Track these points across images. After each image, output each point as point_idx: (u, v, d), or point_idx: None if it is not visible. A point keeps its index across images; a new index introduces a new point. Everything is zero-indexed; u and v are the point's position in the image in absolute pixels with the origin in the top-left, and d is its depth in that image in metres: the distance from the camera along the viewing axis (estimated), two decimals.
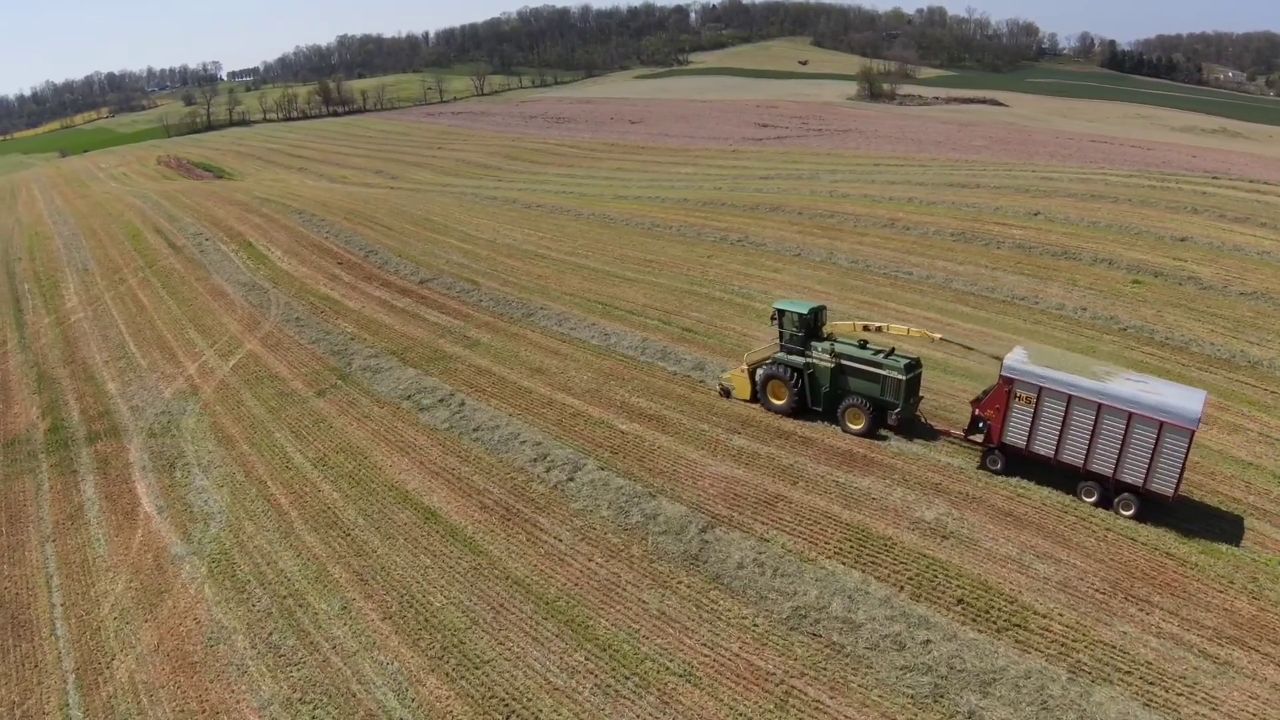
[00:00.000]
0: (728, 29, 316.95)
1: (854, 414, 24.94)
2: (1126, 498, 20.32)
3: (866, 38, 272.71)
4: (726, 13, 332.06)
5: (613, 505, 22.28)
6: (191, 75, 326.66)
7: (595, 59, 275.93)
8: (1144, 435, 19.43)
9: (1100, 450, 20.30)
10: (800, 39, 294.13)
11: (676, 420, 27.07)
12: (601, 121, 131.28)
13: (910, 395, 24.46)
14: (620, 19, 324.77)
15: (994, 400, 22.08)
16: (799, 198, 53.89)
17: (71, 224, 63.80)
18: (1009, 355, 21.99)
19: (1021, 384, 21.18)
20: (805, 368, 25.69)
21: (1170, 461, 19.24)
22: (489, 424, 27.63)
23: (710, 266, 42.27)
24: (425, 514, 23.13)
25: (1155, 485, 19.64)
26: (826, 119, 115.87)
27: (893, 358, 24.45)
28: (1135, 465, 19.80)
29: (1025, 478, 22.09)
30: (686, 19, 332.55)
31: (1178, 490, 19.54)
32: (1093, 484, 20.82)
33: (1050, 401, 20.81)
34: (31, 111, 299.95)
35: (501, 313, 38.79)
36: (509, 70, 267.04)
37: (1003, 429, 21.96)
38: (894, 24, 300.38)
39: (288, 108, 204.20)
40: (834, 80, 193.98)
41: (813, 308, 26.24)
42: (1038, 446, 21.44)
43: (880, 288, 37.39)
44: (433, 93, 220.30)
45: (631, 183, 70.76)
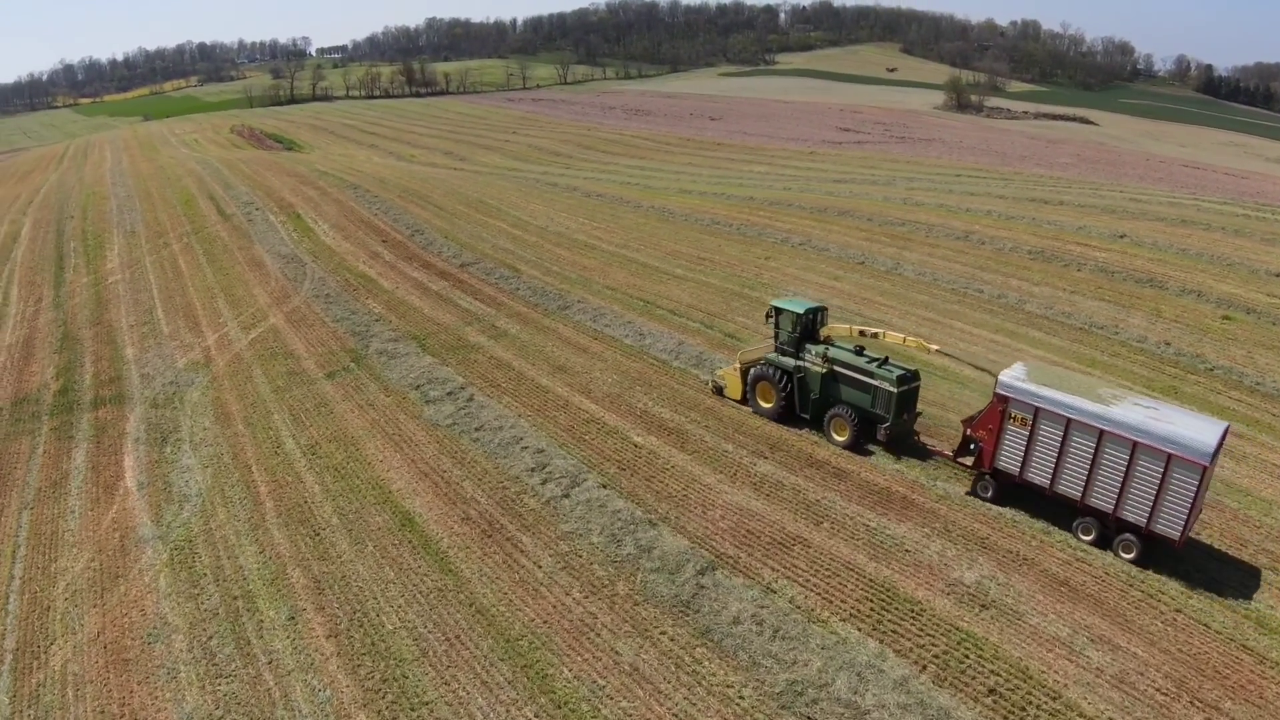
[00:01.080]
0: (816, 31, 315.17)
1: (839, 424, 23.40)
2: (1127, 539, 18.19)
3: (957, 47, 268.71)
4: (816, 14, 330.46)
5: (606, 531, 19.90)
6: (281, 49, 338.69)
7: (681, 54, 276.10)
8: (1149, 468, 17.32)
9: (1100, 483, 18.23)
10: (889, 45, 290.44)
11: (698, 437, 24.51)
12: (681, 116, 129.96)
13: (904, 410, 22.63)
14: (709, 15, 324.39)
15: (987, 420, 20.06)
16: (870, 203, 50.63)
17: (129, 186, 65.56)
18: (1004, 371, 20.02)
19: (1017, 403, 19.22)
20: (795, 371, 24.17)
21: (1178, 500, 17.08)
22: (493, 424, 25.67)
23: (766, 269, 39.35)
24: (402, 519, 21.29)
25: (1160, 526, 17.53)
26: (910, 127, 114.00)
27: (886, 367, 22.69)
28: (1138, 502, 17.70)
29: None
30: (776, 19, 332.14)
31: (1185, 534, 17.35)
32: (1091, 521, 18.70)
33: (1047, 424, 18.80)
34: (123, 76, 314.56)
35: (536, 303, 36.96)
36: (594, 61, 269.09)
37: (995, 452, 20.00)
38: (986, 35, 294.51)
39: (371, 86, 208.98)
40: (921, 89, 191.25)
41: (810, 308, 24.57)
42: (1032, 474, 19.46)
43: (946, 304, 34.04)
44: (515, 79, 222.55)
45: (700, 178, 68.25)
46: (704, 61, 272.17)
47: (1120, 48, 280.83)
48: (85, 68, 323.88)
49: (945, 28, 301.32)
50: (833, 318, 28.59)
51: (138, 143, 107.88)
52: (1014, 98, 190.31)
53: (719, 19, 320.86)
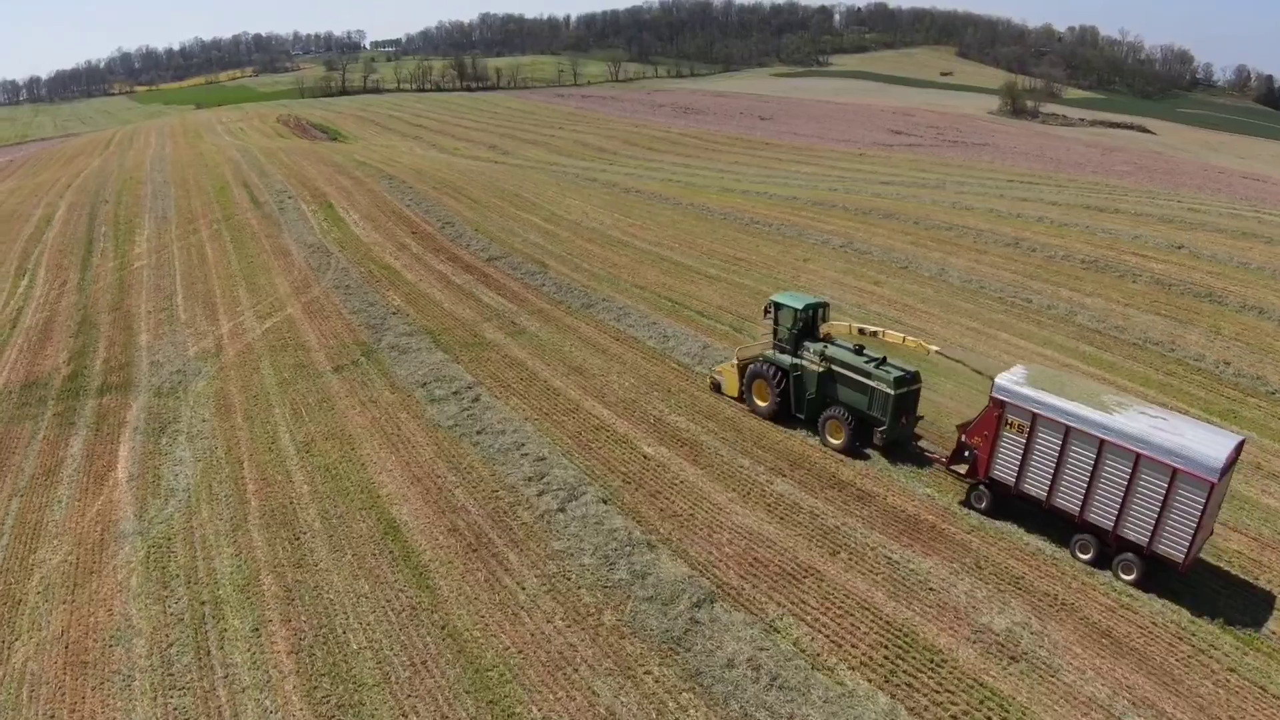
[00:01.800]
0: (871, 33, 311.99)
1: (834, 426, 22.48)
2: (1128, 559, 17.02)
3: (1013, 52, 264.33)
4: (871, 16, 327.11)
5: (599, 552, 18.38)
6: (336, 42, 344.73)
7: (734, 54, 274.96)
8: (1153, 483, 16.16)
9: (1100, 497, 17.10)
10: (945, 48, 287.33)
11: (713, 449, 22.86)
12: (730, 115, 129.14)
13: (901, 413, 21.56)
14: (762, 15, 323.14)
15: (982, 426, 19.01)
16: (918, 205, 48.31)
17: (166, 172, 66.45)
18: (1001, 375, 18.92)
19: (1013, 409, 18.13)
20: (791, 369, 23.34)
21: (1183, 519, 15.88)
22: (496, 427, 24.40)
23: (804, 271, 37.38)
24: (387, 527, 20.13)
25: (1162, 547, 16.35)
26: (964, 131, 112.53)
27: (884, 368, 21.64)
28: (1140, 520, 16.55)
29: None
30: (830, 20, 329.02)
31: (1190, 557, 16.12)
32: (1089, 538, 17.59)
33: (1045, 432, 17.71)
34: (179, 65, 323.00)
35: (560, 300, 35.73)
36: (646, 59, 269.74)
37: (990, 461, 18.90)
38: (1043, 40, 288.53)
39: (422, 79, 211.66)
40: (975, 93, 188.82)
41: (809, 303, 23.64)
42: (1028, 485, 18.38)
43: (993, 313, 31.91)
44: (566, 75, 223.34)
45: (744, 177, 66.50)
46: (757, 61, 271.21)
47: (1179, 56, 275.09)
48: (142, 56, 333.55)
49: (1002, 32, 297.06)
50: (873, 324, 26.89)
51: (183, 130, 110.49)
52: (1070, 104, 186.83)
53: (773, 19, 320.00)
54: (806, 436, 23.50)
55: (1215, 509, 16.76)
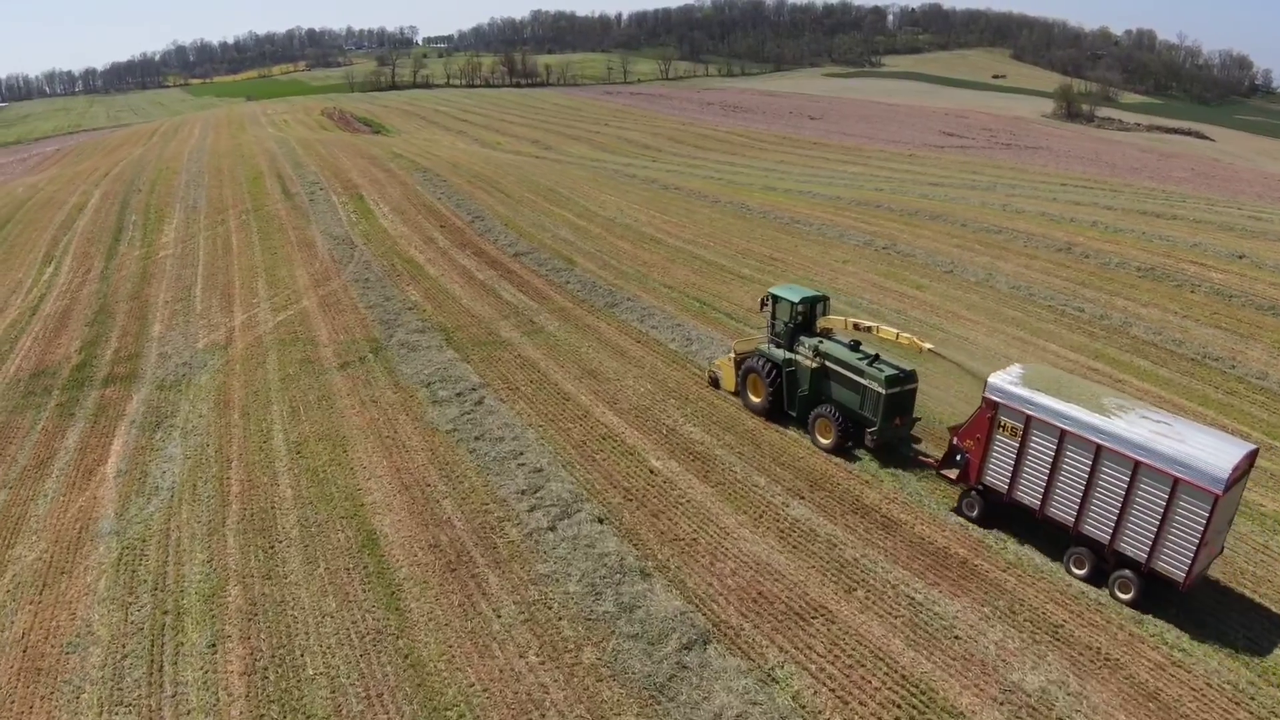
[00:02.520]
0: (925, 34, 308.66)
1: (823, 425, 21.67)
2: (1125, 576, 15.88)
3: (1069, 55, 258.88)
4: (925, 17, 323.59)
5: (587, 579, 16.79)
6: (389, 38, 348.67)
7: (785, 53, 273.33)
8: (1153, 493, 15.06)
9: (1096, 507, 16.03)
10: (999, 50, 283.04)
11: (727, 465, 21.12)
12: (780, 114, 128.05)
13: (894, 414, 20.49)
14: (815, 15, 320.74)
15: (974, 428, 18.00)
16: (966, 207, 45.78)
17: (202, 163, 67.06)
18: (995, 374, 17.82)
19: (1006, 410, 17.14)
20: (785, 364, 22.49)
21: (1185, 534, 14.72)
22: (496, 433, 23.03)
23: (843, 273, 35.22)
24: (365, 539, 18.88)
25: (1162, 564, 15.19)
26: (1017, 134, 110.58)
27: (877, 365, 20.59)
28: (1139, 533, 15.44)
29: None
30: (883, 20, 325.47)
31: (1193, 576, 14.91)
32: (1084, 551, 16.49)
33: (1039, 435, 16.70)
34: (233, 59, 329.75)
35: (584, 298, 34.32)
36: (697, 58, 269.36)
37: (982, 466, 17.90)
38: (1099, 43, 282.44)
39: (471, 75, 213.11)
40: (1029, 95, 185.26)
41: (807, 296, 22.66)
42: (1021, 493, 17.35)
43: (1041, 322, 29.64)
44: (616, 73, 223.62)
45: (789, 176, 64.45)
46: (808, 61, 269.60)
47: (1238, 61, 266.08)
48: (197, 49, 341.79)
49: (1057, 34, 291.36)
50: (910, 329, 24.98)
51: (227, 121, 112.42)
52: (1126, 109, 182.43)
53: (825, 19, 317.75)
54: (860, 471, 21.60)
55: (1224, 524, 15.47)
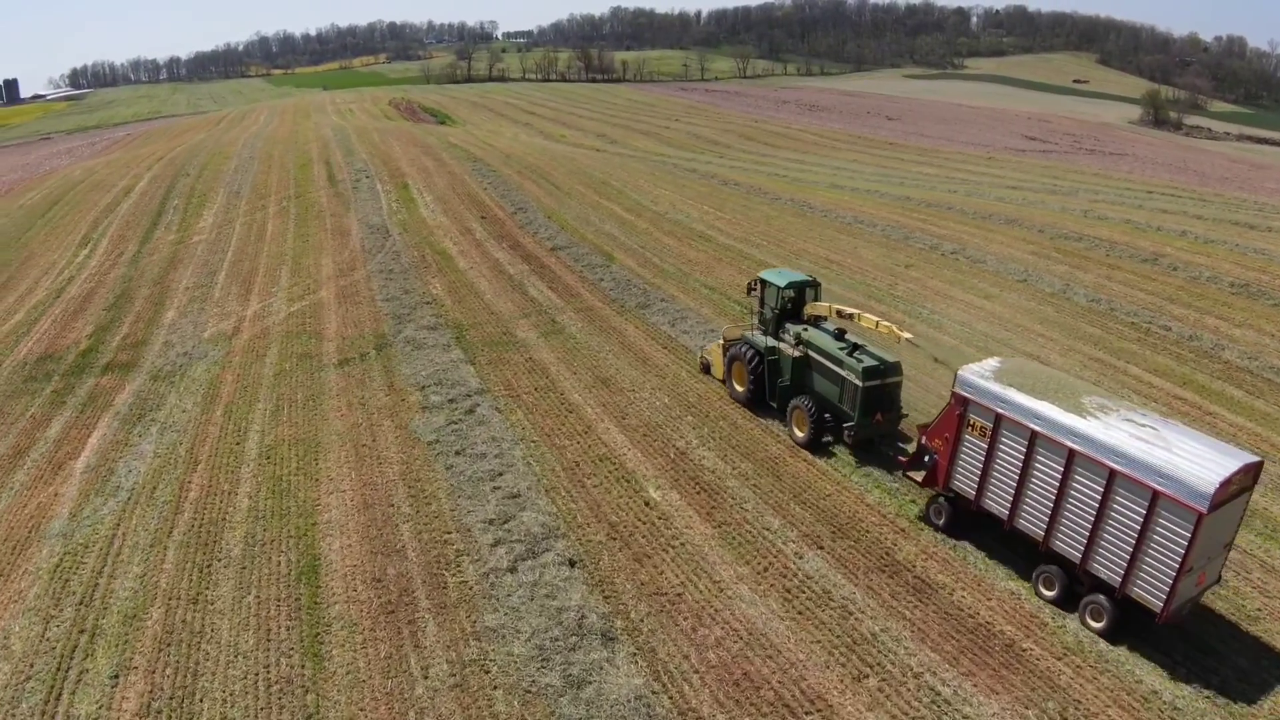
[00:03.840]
0: (1009, 36, 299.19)
1: (799, 417, 20.34)
2: (1097, 602, 14.07)
3: (1157, 61, 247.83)
4: (1010, 19, 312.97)
5: (537, 639, 14.02)
6: (468, 32, 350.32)
7: (866, 54, 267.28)
8: (1129, 507, 13.34)
9: (1068, 520, 14.37)
10: (1085, 55, 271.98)
11: (738, 500, 18.06)
12: (856, 114, 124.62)
13: (873, 409, 18.96)
14: (897, 15, 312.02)
15: (942, 426, 16.40)
16: (1045, 212, 41.43)
17: (256, 149, 67.17)
18: (966, 366, 16.21)
19: (976, 407, 15.55)
20: (767, 352, 21.32)
21: (1164, 557, 12.91)
22: (479, 447, 20.51)
23: (903, 279, 31.39)
24: (308, 565, 16.64)
25: (1138, 590, 13.43)
26: (1102, 139, 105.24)
27: (858, 355, 19.21)
28: (1113, 553, 13.72)
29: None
30: (967, 22, 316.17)
31: (1172, 606, 12.96)
32: (1054, 571, 14.80)
33: (1009, 436, 15.08)
34: (314, 50, 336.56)
35: (615, 298, 31.64)
36: (776, 56, 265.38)
37: (950, 468, 16.24)
38: (1188, 50, 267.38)
39: (547, 70, 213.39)
40: (1115, 101, 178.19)
41: (794, 281, 21.65)
42: (989, 500, 15.68)
43: (1123, 341, 25.69)
44: (693, 70, 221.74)
45: (859, 175, 60.65)
46: (889, 62, 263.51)
47: None
48: (279, 41, 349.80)
49: (1145, 40, 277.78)
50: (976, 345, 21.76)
51: (294, 110, 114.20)
52: (1215, 117, 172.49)
53: (908, 19, 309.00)
54: (864, 492, 18.26)
55: (1216, 549, 13.32)
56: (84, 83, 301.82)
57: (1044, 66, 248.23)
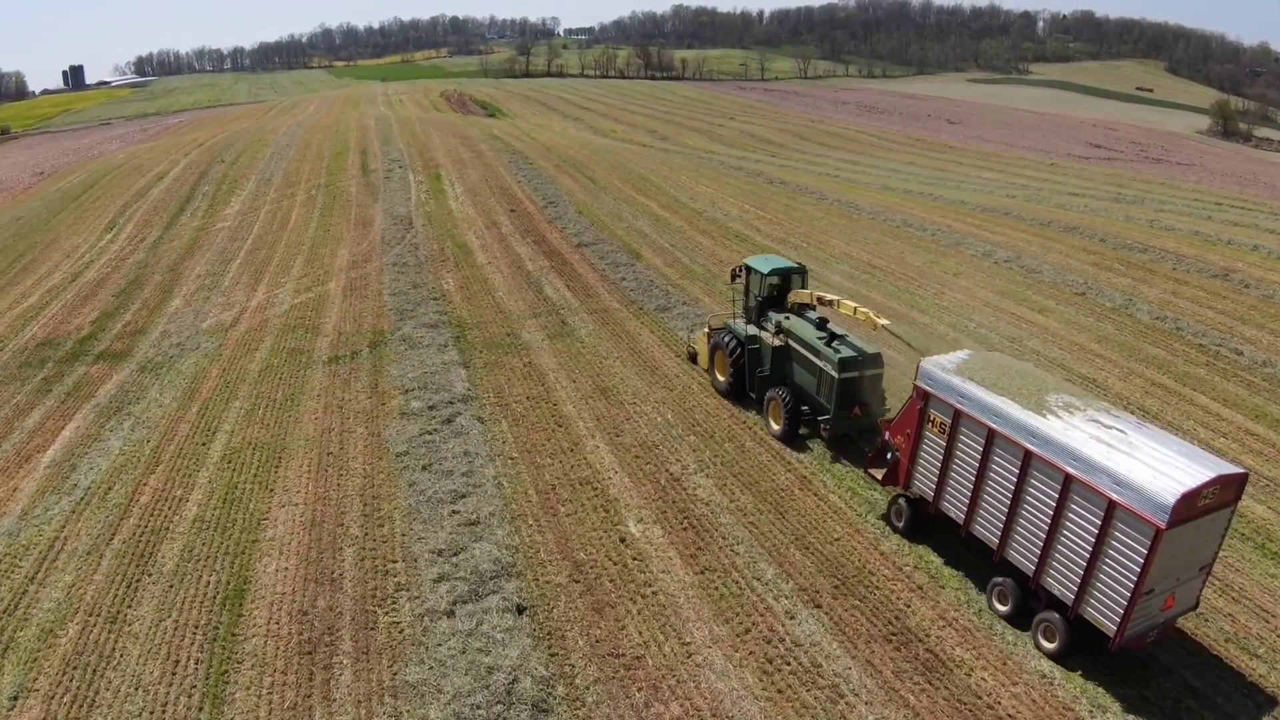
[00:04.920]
0: (1075, 42, 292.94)
1: (775, 409, 19.50)
2: (1049, 620, 12.62)
3: (1226, 70, 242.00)
4: (1076, 25, 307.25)
5: (458, 703, 11.88)
6: (530, 28, 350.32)
7: (929, 56, 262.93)
8: (1085, 517, 11.72)
9: (1022, 529, 12.93)
10: (1153, 63, 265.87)
11: (730, 540, 15.74)
12: (917, 117, 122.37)
13: (851, 401, 18.05)
14: (962, 18, 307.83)
15: (905, 421, 15.30)
16: (1108, 221, 38.10)
17: (296, 137, 66.68)
18: (930, 358, 14.99)
19: (937, 402, 14.37)
20: (748, 340, 20.51)
21: (1120, 575, 11.29)
22: (448, 464, 18.54)
23: (950, 287, 28.40)
24: (237, 587, 14.90)
25: (1091, 610, 11.84)
26: (1168, 149, 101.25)
27: (835, 344, 18.32)
28: (1067, 568, 12.17)
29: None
30: (1033, 26, 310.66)
31: (1126, 630, 11.37)
32: (1008, 584, 13.45)
33: (967, 433, 13.81)
34: (377, 43, 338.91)
35: (634, 299, 29.50)
36: (837, 57, 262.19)
37: (911, 467, 15.16)
38: (1258, 59, 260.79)
39: (605, 66, 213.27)
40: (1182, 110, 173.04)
41: (779, 267, 20.90)
42: (947, 503, 14.50)
43: (1190, 365, 22.68)
44: (753, 69, 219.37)
45: (914, 178, 57.61)
46: (953, 66, 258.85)
47: None
48: (343, 33, 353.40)
49: (1215, 48, 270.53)
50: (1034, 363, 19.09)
51: (345, 100, 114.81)
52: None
53: (972, 22, 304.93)
54: (880, 538, 15.65)
55: (1188, 569, 11.89)
56: (149, 70, 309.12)
57: (1111, 74, 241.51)
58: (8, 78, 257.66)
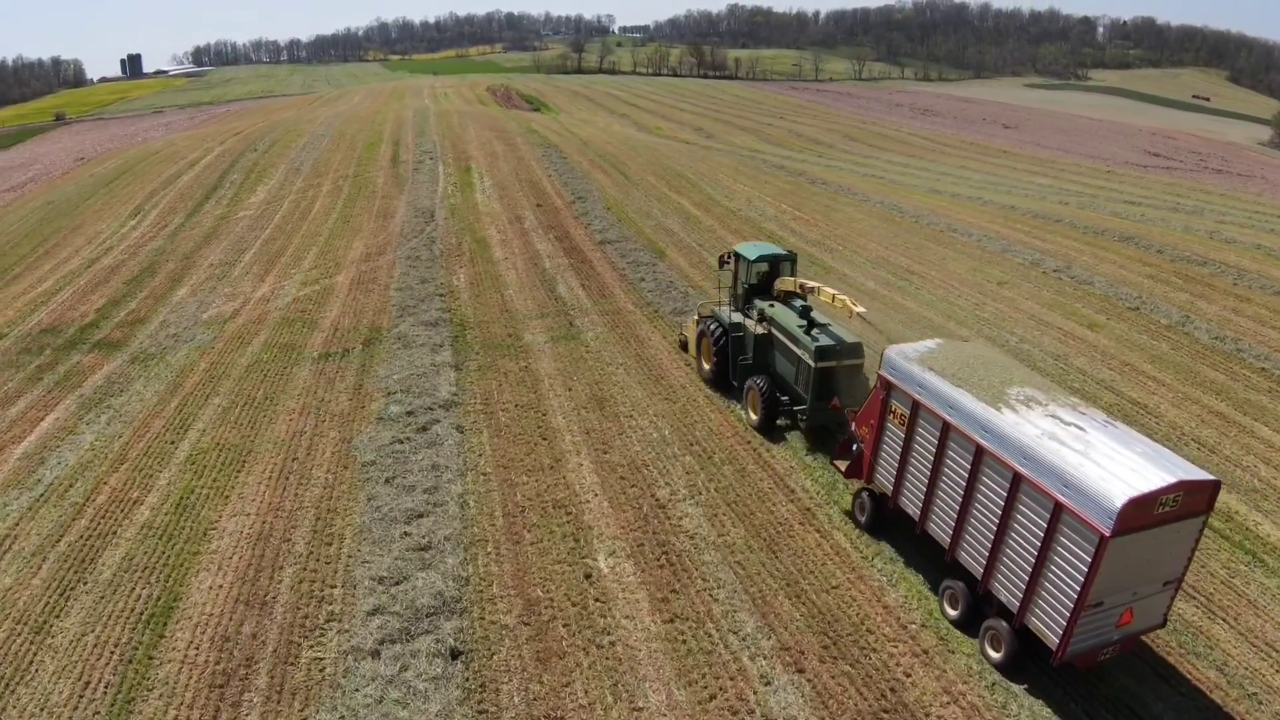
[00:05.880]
0: (1135, 49, 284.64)
1: (753, 397, 19.05)
2: (996, 628, 11.83)
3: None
4: (1137, 31, 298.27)
5: None
6: (585, 25, 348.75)
7: (986, 60, 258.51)
8: (1032, 519, 11.03)
9: (972, 529, 12.16)
10: (1215, 71, 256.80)
11: (710, 583, 14.02)
12: (972, 121, 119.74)
13: (828, 392, 17.19)
14: (1020, 22, 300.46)
15: (869, 412, 14.44)
16: (1165, 231, 35.30)
17: (332, 127, 66.32)
18: (896, 346, 14.09)
19: (898, 391, 13.48)
20: (731, 328, 20.22)
21: (1063, 584, 10.59)
22: (412, 478, 17.14)
23: (993, 298, 25.99)
24: (166, 604, 13.78)
25: (1035, 620, 11.15)
26: (1230, 159, 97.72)
27: (815, 332, 17.78)
28: (1014, 573, 11.44)
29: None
30: (1093, 31, 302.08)
31: (1069, 644, 10.64)
32: (959, 587, 12.59)
33: (925, 426, 13.00)
34: (432, 38, 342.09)
35: (650, 301, 27.85)
36: (893, 60, 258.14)
37: (873, 459, 14.29)
38: None
39: (658, 64, 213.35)
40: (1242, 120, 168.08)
41: (766, 254, 20.56)
42: (905, 499, 13.67)
43: (1251, 391, 20.27)
44: (807, 70, 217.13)
45: (964, 181, 54.99)
46: (1010, 70, 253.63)
47: None
48: (399, 27, 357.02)
49: (1278, 58, 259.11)
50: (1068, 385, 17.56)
51: (390, 92, 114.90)
52: None
53: (1031, 26, 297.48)
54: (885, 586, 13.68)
55: (1147, 582, 10.86)
56: (206, 61, 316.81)
57: (1171, 82, 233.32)
58: (66, 65, 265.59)
